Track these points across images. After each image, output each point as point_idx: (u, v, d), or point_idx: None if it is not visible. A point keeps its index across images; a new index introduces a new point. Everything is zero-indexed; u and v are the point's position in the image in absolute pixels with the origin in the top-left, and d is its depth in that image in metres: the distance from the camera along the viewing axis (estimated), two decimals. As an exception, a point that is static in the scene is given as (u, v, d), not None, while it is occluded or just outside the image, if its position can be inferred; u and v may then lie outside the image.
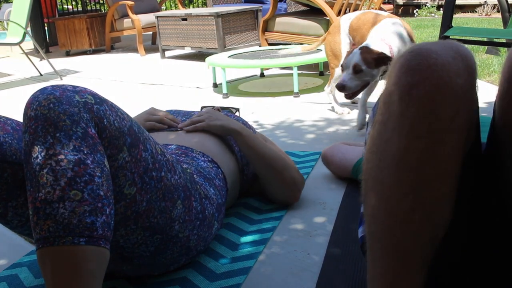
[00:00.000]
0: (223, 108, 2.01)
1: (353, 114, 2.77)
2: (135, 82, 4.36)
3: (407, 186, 0.71)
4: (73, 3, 9.56)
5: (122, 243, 1.10)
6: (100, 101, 0.98)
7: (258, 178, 1.66)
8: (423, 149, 0.69)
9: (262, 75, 4.17)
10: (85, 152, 0.91)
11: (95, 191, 0.90)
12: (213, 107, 2.00)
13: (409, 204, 0.71)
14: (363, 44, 2.27)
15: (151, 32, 6.67)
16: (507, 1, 3.05)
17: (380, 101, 0.76)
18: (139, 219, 1.06)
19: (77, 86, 0.98)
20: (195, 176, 1.30)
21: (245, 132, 1.56)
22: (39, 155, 0.89)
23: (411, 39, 2.42)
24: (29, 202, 0.90)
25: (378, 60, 2.18)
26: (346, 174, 1.81)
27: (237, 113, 2.00)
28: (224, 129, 1.55)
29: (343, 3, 3.91)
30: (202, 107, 2.08)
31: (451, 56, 0.70)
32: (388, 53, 2.22)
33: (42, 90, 0.95)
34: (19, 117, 1.10)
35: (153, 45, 6.87)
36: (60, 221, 0.86)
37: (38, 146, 0.90)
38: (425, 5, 9.08)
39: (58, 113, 0.91)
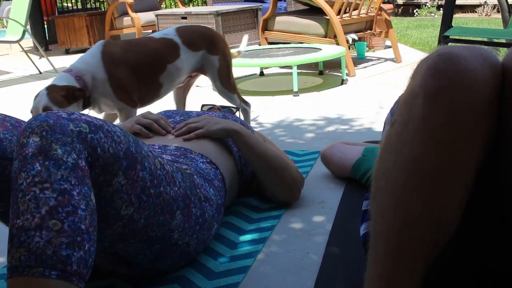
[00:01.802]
0: (223, 107, 2.01)
1: (353, 114, 2.77)
2: (134, 81, 4.36)
3: (420, 190, 0.70)
4: (73, 1, 9.55)
5: (120, 253, 1.10)
6: (95, 129, 0.93)
7: (256, 178, 1.66)
8: (441, 155, 0.68)
9: (261, 74, 4.17)
10: (73, 183, 0.86)
11: (76, 224, 0.84)
12: (214, 106, 2.00)
13: (420, 208, 0.70)
14: (52, 83, 2.05)
15: (150, 31, 6.66)
16: (507, 1, 3.05)
17: (401, 101, 0.74)
18: (137, 234, 1.05)
19: (73, 113, 0.94)
20: (195, 176, 1.30)
21: (244, 132, 1.55)
22: (24, 182, 0.85)
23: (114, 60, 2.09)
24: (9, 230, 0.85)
25: (68, 97, 1.99)
26: (345, 174, 1.80)
27: (237, 113, 2.00)
28: (224, 132, 1.54)
29: (343, 2, 3.90)
30: (203, 105, 2.08)
31: (480, 63, 0.68)
32: (77, 84, 2.03)
33: (36, 117, 0.91)
34: (19, 115, 1.09)
35: (152, 44, 6.86)
36: (34, 250, 0.80)
37: (25, 173, 0.85)
38: (425, 5, 9.08)
39: (50, 142, 0.88)
